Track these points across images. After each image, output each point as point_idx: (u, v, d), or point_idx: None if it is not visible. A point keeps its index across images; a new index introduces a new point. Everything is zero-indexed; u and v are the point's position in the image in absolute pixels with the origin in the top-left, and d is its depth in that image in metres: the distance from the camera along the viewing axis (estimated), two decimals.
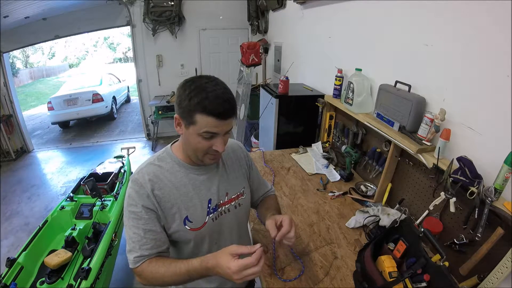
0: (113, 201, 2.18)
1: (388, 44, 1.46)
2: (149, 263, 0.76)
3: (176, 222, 0.81)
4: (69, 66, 18.79)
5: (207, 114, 0.70)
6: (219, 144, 0.76)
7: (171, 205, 0.80)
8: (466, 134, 1.02)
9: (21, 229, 2.74)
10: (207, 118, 0.71)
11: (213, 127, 0.73)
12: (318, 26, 2.39)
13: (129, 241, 0.78)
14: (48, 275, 1.54)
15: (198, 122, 0.72)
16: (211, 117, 0.71)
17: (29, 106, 8.77)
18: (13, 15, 3.48)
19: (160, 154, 0.86)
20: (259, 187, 1.07)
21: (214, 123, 0.72)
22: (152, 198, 0.77)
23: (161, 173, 0.81)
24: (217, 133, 0.74)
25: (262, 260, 0.67)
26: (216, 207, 0.87)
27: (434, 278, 0.82)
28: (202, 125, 0.72)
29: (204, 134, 0.73)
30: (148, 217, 0.77)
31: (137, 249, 0.76)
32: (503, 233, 0.84)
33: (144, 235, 0.76)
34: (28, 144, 4.64)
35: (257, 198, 1.08)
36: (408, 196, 1.33)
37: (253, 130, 3.66)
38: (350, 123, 1.81)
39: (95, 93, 5.93)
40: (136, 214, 0.77)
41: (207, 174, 0.87)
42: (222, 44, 4.64)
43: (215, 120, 0.71)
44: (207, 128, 0.72)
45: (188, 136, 0.77)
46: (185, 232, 0.82)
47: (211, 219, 0.85)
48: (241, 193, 0.94)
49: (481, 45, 0.95)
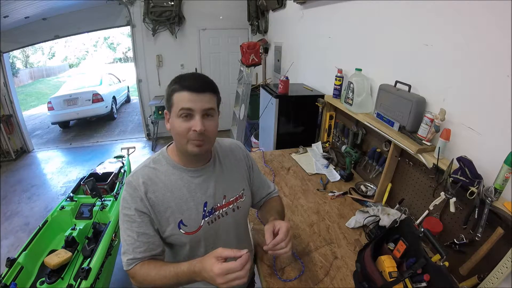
0: (113, 201, 2.18)
1: (388, 44, 1.46)
2: (141, 265, 0.76)
3: (170, 226, 0.80)
4: (69, 66, 18.79)
5: (181, 89, 0.73)
6: (196, 123, 0.73)
7: (165, 209, 0.79)
8: (466, 134, 1.02)
9: (21, 229, 2.73)
10: (182, 94, 0.73)
11: (188, 102, 0.72)
12: (318, 26, 2.39)
13: (124, 243, 0.78)
14: (48, 275, 1.54)
15: (175, 102, 0.74)
16: (185, 91, 0.72)
17: (29, 106, 8.77)
18: (13, 15, 3.48)
19: (155, 157, 0.85)
20: (261, 188, 1.04)
21: (188, 96, 0.72)
22: (145, 201, 0.77)
23: (156, 176, 0.80)
24: (193, 109, 0.73)
25: (247, 265, 0.65)
26: (212, 211, 0.85)
27: (434, 278, 0.82)
28: (178, 102, 0.73)
29: (181, 112, 0.73)
30: (141, 220, 0.77)
31: (131, 251, 0.77)
32: (503, 233, 0.84)
33: (137, 238, 0.76)
34: (28, 144, 4.64)
35: (259, 200, 1.05)
36: (408, 196, 1.33)
37: (253, 130, 3.66)
38: (350, 123, 1.80)
39: (95, 93, 5.93)
40: (130, 217, 0.77)
41: (203, 177, 0.84)
42: (222, 44, 4.64)
43: (189, 94, 0.72)
44: (182, 104, 0.72)
45: (172, 124, 0.77)
46: (179, 236, 0.81)
47: (207, 222, 0.84)
48: (240, 195, 0.91)
49: (481, 45, 0.95)
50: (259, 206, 1.07)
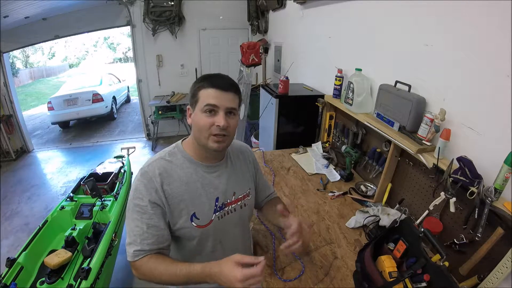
0: (113, 201, 2.18)
1: (388, 44, 1.46)
2: (149, 258, 0.76)
3: (183, 218, 0.81)
4: (69, 66, 18.78)
5: (207, 87, 0.78)
6: (220, 119, 0.77)
7: (179, 201, 0.80)
8: (466, 134, 1.02)
9: (21, 229, 2.73)
10: (208, 90, 0.78)
11: (213, 98, 0.77)
12: (318, 26, 2.39)
13: (130, 234, 0.78)
14: (48, 275, 1.54)
15: (201, 97, 0.79)
16: (211, 88, 0.78)
17: (29, 106, 8.76)
18: (13, 15, 3.48)
19: (171, 150, 0.87)
20: (264, 189, 1.10)
21: (214, 93, 0.77)
22: (160, 193, 0.78)
23: (171, 168, 0.82)
24: (217, 105, 0.77)
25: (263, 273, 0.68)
26: (223, 206, 0.88)
27: (434, 278, 0.82)
28: (204, 98, 0.78)
29: (206, 108, 0.77)
30: (153, 212, 0.77)
31: (138, 243, 0.76)
32: (503, 233, 0.84)
33: (146, 229, 0.76)
34: (28, 144, 4.64)
35: (261, 200, 1.10)
36: (408, 196, 1.33)
37: (253, 130, 3.66)
38: (350, 123, 1.80)
39: (95, 93, 5.92)
40: (142, 207, 0.77)
41: (217, 172, 0.88)
42: (222, 44, 4.63)
43: (215, 90, 0.78)
44: (208, 100, 0.77)
45: (194, 119, 0.81)
46: (191, 228, 0.82)
47: (217, 217, 0.86)
48: (247, 193, 0.95)
49: (481, 45, 0.95)
50: (260, 207, 1.12)
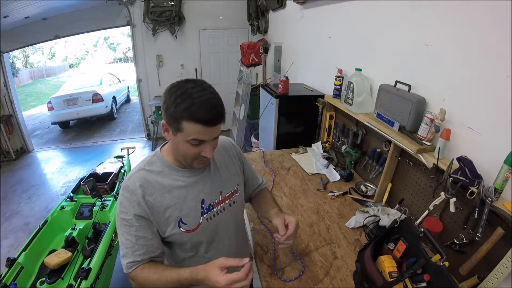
0: (113, 201, 2.18)
1: (388, 44, 1.46)
2: (142, 269, 0.77)
3: (170, 226, 0.81)
4: (69, 66, 18.79)
5: (194, 121, 0.69)
6: (208, 150, 0.75)
7: (164, 209, 0.80)
8: (466, 134, 1.02)
9: (21, 229, 2.73)
10: (194, 126, 0.69)
11: (201, 134, 0.71)
12: (318, 26, 2.39)
13: (122, 247, 0.79)
14: (48, 275, 1.54)
15: (185, 129, 0.70)
16: (198, 124, 0.69)
17: (29, 106, 8.77)
18: (13, 15, 3.48)
19: (150, 159, 0.85)
20: (253, 181, 1.10)
21: (201, 130, 0.70)
22: (143, 205, 0.77)
23: (152, 178, 0.80)
24: (205, 140, 0.73)
25: (250, 274, 0.67)
26: (210, 207, 0.87)
27: (434, 278, 0.81)
28: (190, 132, 0.70)
29: (192, 141, 0.72)
30: (139, 225, 0.77)
31: (130, 255, 0.77)
32: (503, 233, 0.84)
33: (136, 241, 0.77)
34: (28, 144, 4.64)
35: (251, 192, 1.10)
36: (408, 196, 1.33)
37: (253, 130, 3.65)
38: (350, 123, 1.80)
39: (95, 93, 5.93)
40: (128, 221, 0.77)
41: (199, 176, 0.86)
42: (222, 44, 4.63)
43: (202, 127, 0.70)
44: (194, 136, 0.71)
45: (176, 143, 0.76)
46: (180, 234, 0.82)
47: (205, 219, 0.85)
48: (235, 190, 0.94)
49: (481, 45, 0.95)
50: (250, 198, 1.12)
